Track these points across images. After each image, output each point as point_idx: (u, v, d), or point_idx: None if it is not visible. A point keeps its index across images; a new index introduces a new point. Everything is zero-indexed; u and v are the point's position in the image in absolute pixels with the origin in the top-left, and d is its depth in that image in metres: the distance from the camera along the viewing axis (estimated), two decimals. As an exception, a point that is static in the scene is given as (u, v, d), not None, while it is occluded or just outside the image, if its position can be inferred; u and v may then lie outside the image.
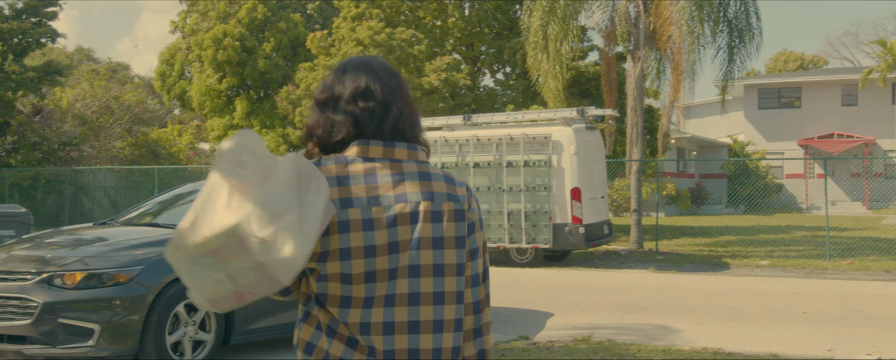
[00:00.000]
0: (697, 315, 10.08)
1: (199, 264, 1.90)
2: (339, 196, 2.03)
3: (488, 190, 15.62)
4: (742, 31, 18.39)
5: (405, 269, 2.04)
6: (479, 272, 2.20)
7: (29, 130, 26.97)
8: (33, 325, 6.37)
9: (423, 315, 2.04)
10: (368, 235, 2.01)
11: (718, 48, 18.49)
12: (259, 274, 1.86)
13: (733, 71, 18.56)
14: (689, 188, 33.40)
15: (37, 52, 31.04)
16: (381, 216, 2.03)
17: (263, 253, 1.84)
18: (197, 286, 1.93)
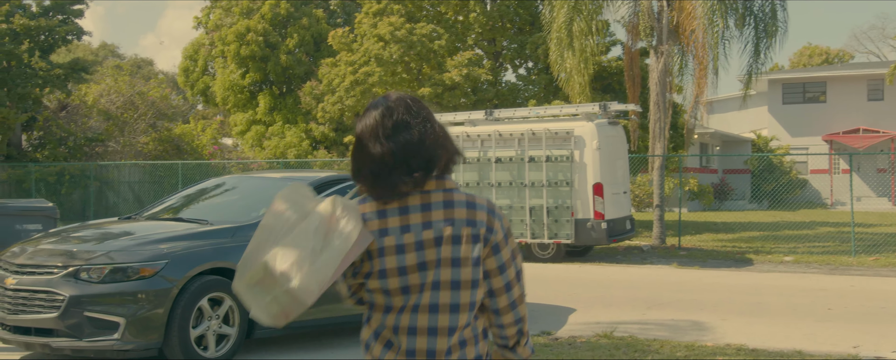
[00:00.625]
0: (721, 311, 10.03)
1: (254, 291, 2.47)
2: (379, 227, 2.49)
3: (510, 185, 15.60)
4: (768, 25, 18.23)
5: (429, 284, 2.48)
6: (511, 279, 2.64)
7: (55, 126, 27.24)
8: (60, 318, 6.44)
9: (440, 322, 2.48)
10: (400, 257, 2.47)
11: (745, 41, 18.35)
12: (289, 297, 2.41)
13: (759, 65, 18.40)
14: (712, 184, 33.21)
15: (62, 49, 31.32)
16: (411, 242, 2.48)
17: (283, 284, 2.40)
18: (256, 307, 2.47)
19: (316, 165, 25.13)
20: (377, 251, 2.49)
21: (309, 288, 2.41)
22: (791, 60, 56.17)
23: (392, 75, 22.17)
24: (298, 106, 29.30)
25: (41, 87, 25.64)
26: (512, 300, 2.65)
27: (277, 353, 7.51)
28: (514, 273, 2.65)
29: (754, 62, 18.37)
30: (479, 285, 2.55)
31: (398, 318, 2.50)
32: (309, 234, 2.43)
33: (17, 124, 25.88)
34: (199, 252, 6.88)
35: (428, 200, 2.53)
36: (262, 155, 29.10)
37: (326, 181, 8.35)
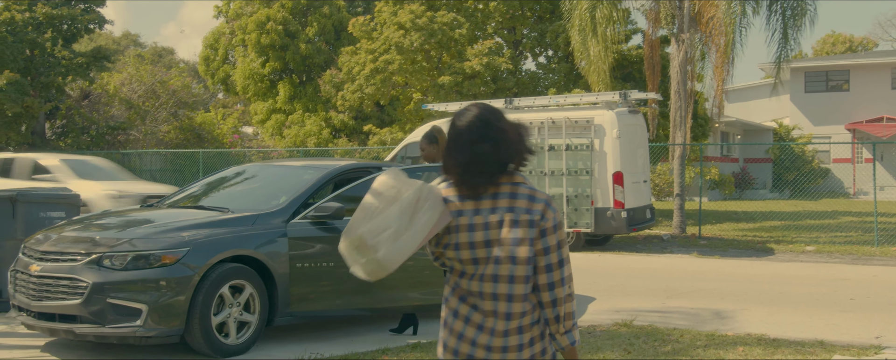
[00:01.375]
0: (741, 301, 9.99)
1: (353, 254, 3.15)
2: (457, 209, 3.16)
3: (530, 174, 15.58)
4: (795, 12, 18.03)
5: (493, 258, 3.10)
6: (553, 262, 3.16)
7: (77, 115, 27.45)
8: (83, 305, 6.51)
9: (500, 290, 3.10)
10: (471, 234, 3.12)
11: (773, 29, 18.15)
12: (376, 264, 3.11)
13: (788, 52, 18.19)
14: (732, 173, 33.02)
15: (85, 38, 31.52)
16: (480, 222, 3.12)
17: (372, 252, 3.09)
18: (354, 266, 3.17)
19: (336, 153, 25.20)
20: (454, 228, 3.14)
21: (391, 259, 3.10)
22: (814, 48, 55.66)
23: (412, 63, 22.15)
24: (318, 94, 29.36)
25: (64, 75, 25.83)
26: (551, 281, 3.15)
27: (297, 341, 7.56)
28: (557, 259, 3.16)
29: (783, 49, 18.16)
30: (532, 261, 3.13)
31: (470, 283, 3.14)
32: (395, 216, 3.08)
33: (40, 113, 26.09)
34: (220, 240, 6.92)
35: (497, 190, 3.16)
36: (282, 143, 29.20)
37: (346, 170, 8.37)
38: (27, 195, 8.73)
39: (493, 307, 3.12)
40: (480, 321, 3.14)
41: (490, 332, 3.12)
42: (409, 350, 7.12)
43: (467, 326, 3.16)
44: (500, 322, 3.12)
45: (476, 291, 3.14)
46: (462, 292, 3.18)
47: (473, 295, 3.15)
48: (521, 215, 3.12)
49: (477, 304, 3.15)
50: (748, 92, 41.66)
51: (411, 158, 17.10)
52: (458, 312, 3.19)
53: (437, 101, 20.86)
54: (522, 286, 3.12)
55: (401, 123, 24.18)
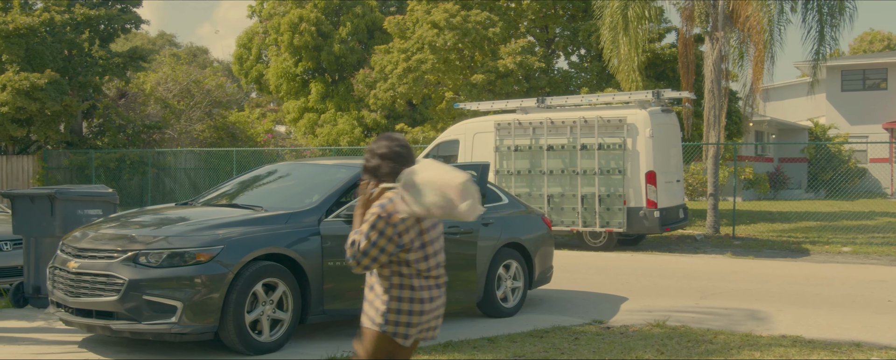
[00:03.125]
0: (776, 302, 9.89)
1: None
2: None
3: (562, 173, 15.53)
4: (832, 10, 17.79)
5: (434, 240, 4.38)
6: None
7: (114, 114, 27.80)
8: (120, 301, 6.59)
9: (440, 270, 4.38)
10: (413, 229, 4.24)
11: (808, 27, 17.92)
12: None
13: (824, 49, 17.93)
14: (767, 173, 32.67)
15: (121, 38, 31.92)
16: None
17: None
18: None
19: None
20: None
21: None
22: (851, 46, 54.86)
23: (445, 62, 22.17)
24: (350, 94, 29.48)
25: (101, 75, 26.18)
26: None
27: (329, 339, 7.60)
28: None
29: (819, 47, 17.90)
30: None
31: (423, 263, 4.36)
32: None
33: (78, 112, 26.47)
34: (254, 238, 6.97)
35: None
36: (315, 142, 29.37)
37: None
38: (65, 193, 8.86)
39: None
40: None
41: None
42: (442, 349, 7.13)
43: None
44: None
45: (425, 268, 4.32)
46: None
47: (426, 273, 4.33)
48: None
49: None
50: (783, 91, 41.19)
51: (443, 156, 17.12)
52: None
53: (470, 100, 20.86)
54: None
55: (433, 122, 24.21)
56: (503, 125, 16.12)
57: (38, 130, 25.68)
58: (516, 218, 9.42)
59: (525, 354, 6.98)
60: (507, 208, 9.39)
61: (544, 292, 10.40)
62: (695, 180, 26.59)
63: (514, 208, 9.50)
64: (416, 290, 4.27)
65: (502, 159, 16.08)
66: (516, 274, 9.14)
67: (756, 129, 32.94)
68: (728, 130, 22.39)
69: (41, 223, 8.82)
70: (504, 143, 16.07)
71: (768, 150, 35.01)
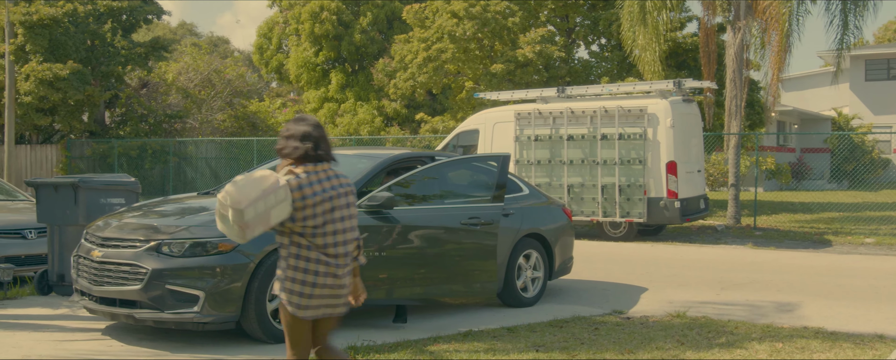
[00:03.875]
0: (797, 293, 9.84)
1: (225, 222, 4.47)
2: (306, 182, 4.49)
3: (582, 163, 15.50)
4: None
5: (337, 220, 4.53)
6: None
7: (136, 103, 27.99)
8: (143, 290, 6.66)
9: (346, 248, 4.59)
10: (319, 206, 4.47)
11: (832, 15, 17.73)
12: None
13: (848, 38, 17.74)
14: (789, 163, 32.44)
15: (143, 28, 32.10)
16: (325, 195, 4.50)
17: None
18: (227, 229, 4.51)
19: (388, 141, 25.32)
20: (302, 203, 4.52)
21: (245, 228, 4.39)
22: (876, 35, 54.23)
23: (464, 52, 22.14)
24: (370, 83, 29.50)
25: (123, 65, 26.36)
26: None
27: (349, 329, 7.64)
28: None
29: (843, 36, 17.71)
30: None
31: (322, 240, 4.56)
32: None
33: (101, 102, 26.68)
34: (275, 228, 7.00)
35: (326, 173, 4.61)
36: (335, 132, 29.43)
37: (400, 159, 8.42)
38: (88, 182, 8.93)
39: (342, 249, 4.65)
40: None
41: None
42: (462, 338, 7.15)
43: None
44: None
45: (328, 243, 4.55)
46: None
47: (328, 248, 4.55)
48: (346, 189, 4.68)
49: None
50: (806, 80, 40.82)
51: (463, 146, 17.12)
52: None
53: (490, 89, 20.83)
54: (354, 235, 4.69)
55: (452, 112, 24.20)
56: (523, 115, 16.10)
57: (61, 119, 25.92)
58: (536, 208, 9.41)
59: (545, 343, 6.98)
60: (528, 199, 9.39)
61: (564, 283, 10.40)
62: (716, 171, 26.44)
63: (534, 199, 9.50)
64: (312, 262, 4.47)
65: (522, 149, 16.06)
66: (536, 264, 9.14)
67: (778, 119, 32.68)
68: (750, 119, 22.25)
69: (65, 212, 8.90)
70: (524, 132, 16.04)
71: (790, 140, 34.75)
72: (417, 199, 8.12)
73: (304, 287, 4.47)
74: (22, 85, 24.40)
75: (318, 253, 4.48)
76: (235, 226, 4.35)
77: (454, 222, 8.15)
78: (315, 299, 4.49)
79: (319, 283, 4.48)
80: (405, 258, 7.85)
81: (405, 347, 6.81)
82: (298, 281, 4.47)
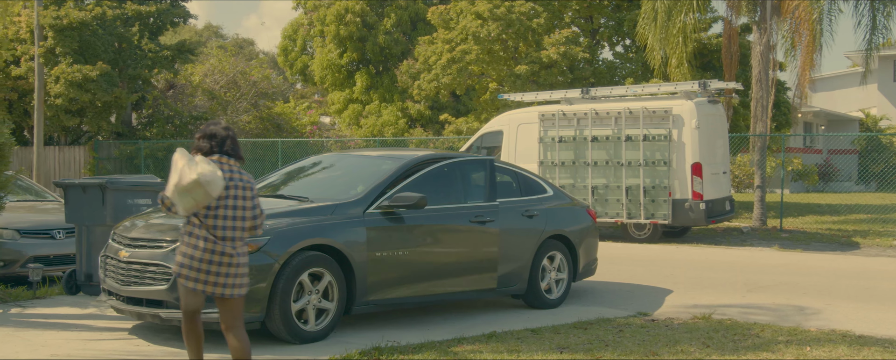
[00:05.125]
0: (825, 296, 9.75)
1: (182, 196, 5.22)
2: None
3: (606, 164, 15.44)
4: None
5: (230, 207, 5.35)
6: (257, 220, 5.54)
7: (163, 105, 28.22)
8: (169, 290, 6.71)
9: (235, 233, 5.40)
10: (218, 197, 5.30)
11: (860, 16, 17.54)
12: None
13: (877, 37, 17.53)
14: (816, 164, 32.15)
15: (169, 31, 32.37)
16: (228, 187, 5.31)
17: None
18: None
19: (412, 143, 25.36)
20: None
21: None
22: (905, 36, 53.55)
23: (489, 53, 22.13)
24: (395, 85, 29.56)
25: (150, 68, 26.59)
26: (259, 223, 5.68)
27: (374, 329, 7.66)
28: (259, 211, 5.64)
29: (871, 36, 17.52)
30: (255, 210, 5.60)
31: (216, 223, 5.39)
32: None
33: (128, 103, 26.94)
34: (300, 229, 7.05)
35: (230, 166, 5.52)
36: (360, 133, 29.52)
37: (423, 160, 8.43)
38: (116, 183, 9.03)
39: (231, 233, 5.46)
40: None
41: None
42: (486, 339, 7.15)
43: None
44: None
45: (219, 225, 5.37)
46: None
47: (217, 229, 5.36)
48: (245, 180, 5.55)
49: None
50: (833, 81, 40.42)
51: (487, 148, 17.12)
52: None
53: (514, 90, 20.81)
54: (249, 223, 5.53)
55: (477, 113, 24.19)
56: (547, 116, 16.07)
57: (89, 121, 26.20)
58: (561, 210, 9.40)
59: (569, 345, 6.97)
60: (552, 200, 9.37)
61: (589, 284, 10.37)
62: (741, 172, 26.25)
63: (558, 200, 9.48)
64: (199, 240, 5.30)
65: (546, 150, 16.03)
66: (561, 266, 9.13)
67: (805, 120, 32.40)
68: (776, 120, 22.07)
69: (93, 212, 8.99)
70: (548, 134, 16.01)
71: (817, 141, 34.43)
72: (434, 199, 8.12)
73: (191, 261, 5.30)
74: (52, 87, 24.68)
75: (206, 233, 5.30)
76: (196, 200, 5.21)
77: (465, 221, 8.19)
78: (201, 273, 5.29)
79: (208, 259, 5.28)
80: (431, 257, 7.89)
81: (429, 348, 6.82)
82: (187, 255, 5.32)
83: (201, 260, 5.28)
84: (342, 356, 6.55)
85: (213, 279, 5.31)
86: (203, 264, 5.28)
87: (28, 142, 26.82)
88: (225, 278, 5.33)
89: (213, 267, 5.29)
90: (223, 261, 5.30)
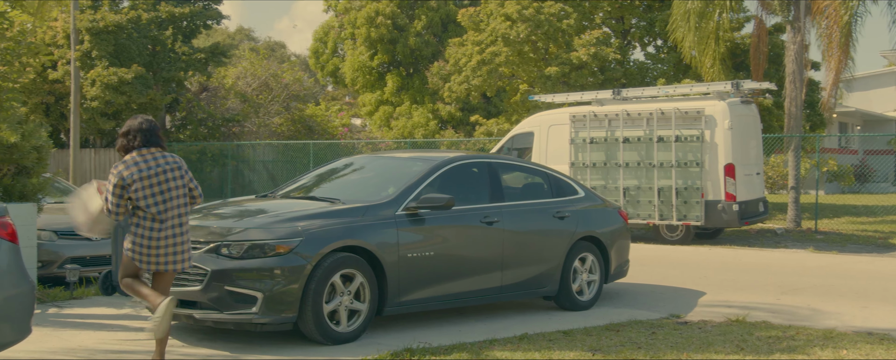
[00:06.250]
0: (861, 298, 9.63)
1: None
2: (125, 166, 5.95)
3: (638, 166, 15.36)
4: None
5: (165, 190, 6.02)
6: (194, 190, 6.25)
7: (196, 107, 28.50)
8: (203, 291, 6.77)
9: (175, 211, 6.08)
10: (145, 180, 5.97)
11: (894, 14, 17.30)
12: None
13: None
14: (851, 165, 31.75)
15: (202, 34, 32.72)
16: (151, 172, 5.97)
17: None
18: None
19: (443, 144, 25.39)
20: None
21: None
22: (942, 34, 52.75)
23: (519, 55, 22.11)
24: (425, 86, 29.62)
25: (184, 70, 26.88)
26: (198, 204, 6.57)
27: (405, 330, 7.68)
28: (197, 193, 6.35)
29: None
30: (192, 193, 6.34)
31: (157, 213, 6.10)
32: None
33: (162, 106, 27.25)
34: (331, 230, 7.08)
35: (154, 155, 6.12)
36: (390, 135, 29.60)
37: (454, 162, 8.44)
38: (150, 185, 9.11)
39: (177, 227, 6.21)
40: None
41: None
42: (517, 341, 7.14)
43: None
44: None
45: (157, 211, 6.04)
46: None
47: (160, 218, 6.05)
48: (175, 165, 6.18)
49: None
50: (869, 81, 39.89)
51: (518, 149, 17.10)
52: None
53: (544, 92, 20.76)
54: (187, 209, 6.25)
55: (507, 114, 24.17)
56: (578, 117, 16.02)
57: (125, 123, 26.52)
58: (592, 211, 9.37)
59: (601, 347, 6.94)
60: (584, 202, 9.35)
61: (620, 286, 10.32)
62: (775, 173, 25.98)
63: (590, 202, 9.45)
64: (146, 228, 5.99)
65: (577, 152, 15.98)
66: (592, 267, 9.10)
67: (840, 120, 32.01)
68: (810, 120, 21.83)
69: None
70: (579, 135, 15.96)
71: (853, 141, 34.00)
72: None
73: (141, 248, 6.00)
74: (88, 90, 25.03)
75: (149, 219, 5.96)
76: (104, 225, 6.38)
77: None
78: (152, 257, 6.01)
79: (158, 244, 6.00)
80: (462, 258, 7.90)
81: (460, 349, 6.82)
82: (137, 243, 5.99)
83: (157, 246, 6.01)
84: (374, 356, 6.57)
85: (165, 258, 6.04)
86: (163, 250, 6.02)
87: (65, 145, 27.22)
88: (185, 254, 6.14)
89: (162, 250, 6.02)
90: (169, 242, 6.04)
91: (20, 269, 5.56)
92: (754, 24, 19.32)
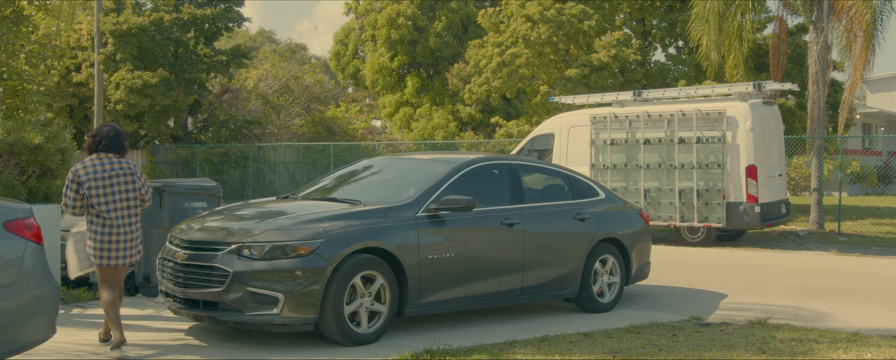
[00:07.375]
0: (886, 301, 9.54)
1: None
2: (81, 166, 6.66)
3: (659, 167, 15.30)
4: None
5: (116, 192, 6.70)
6: (144, 194, 6.87)
7: (218, 109, 28.67)
8: (224, 292, 6.81)
9: (125, 212, 6.75)
10: (97, 182, 6.64)
11: None
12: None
13: None
14: (875, 166, 31.45)
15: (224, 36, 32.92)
16: (104, 174, 6.65)
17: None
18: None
19: (463, 146, 25.40)
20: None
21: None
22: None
23: (539, 56, 22.08)
24: (445, 88, 29.64)
25: (206, 72, 27.05)
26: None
27: (426, 332, 7.69)
28: (144, 190, 6.93)
29: None
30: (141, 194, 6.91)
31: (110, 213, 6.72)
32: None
33: (185, 107, 27.43)
34: (352, 232, 7.10)
35: (110, 160, 6.79)
36: (410, 137, 29.64)
37: (475, 163, 8.44)
38: (173, 186, 9.19)
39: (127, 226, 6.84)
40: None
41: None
42: (538, 343, 7.14)
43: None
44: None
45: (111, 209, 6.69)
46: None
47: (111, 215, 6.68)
48: (127, 170, 6.82)
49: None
50: (893, 81, 39.52)
51: (538, 150, 17.07)
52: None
53: (565, 93, 20.72)
54: (137, 210, 6.87)
55: (527, 116, 24.14)
56: (599, 119, 15.98)
57: (147, 125, 26.73)
58: (613, 213, 9.34)
59: (622, 350, 6.92)
60: (604, 203, 9.33)
61: (641, 288, 10.29)
62: (798, 175, 25.80)
63: (610, 203, 9.43)
64: (98, 225, 6.62)
65: (598, 153, 15.94)
66: (613, 269, 9.07)
67: (864, 121, 31.74)
68: (833, 121, 21.67)
69: (150, 215, 9.17)
70: (600, 136, 15.92)
71: (876, 143, 33.69)
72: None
73: (102, 245, 6.62)
74: (112, 93, 25.24)
75: (102, 218, 6.59)
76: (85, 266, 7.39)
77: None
78: (110, 252, 6.63)
79: (114, 240, 6.63)
80: (482, 259, 7.91)
81: (481, 351, 6.83)
82: (98, 241, 6.62)
83: (110, 242, 6.63)
84: (394, 357, 6.59)
85: (122, 254, 6.67)
86: (120, 245, 6.65)
87: (88, 146, 27.44)
88: (129, 252, 6.73)
89: (118, 246, 6.65)
90: (120, 238, 6.67)
91: (45, 270, 5.63)
92: (776, 24, 19.20)
